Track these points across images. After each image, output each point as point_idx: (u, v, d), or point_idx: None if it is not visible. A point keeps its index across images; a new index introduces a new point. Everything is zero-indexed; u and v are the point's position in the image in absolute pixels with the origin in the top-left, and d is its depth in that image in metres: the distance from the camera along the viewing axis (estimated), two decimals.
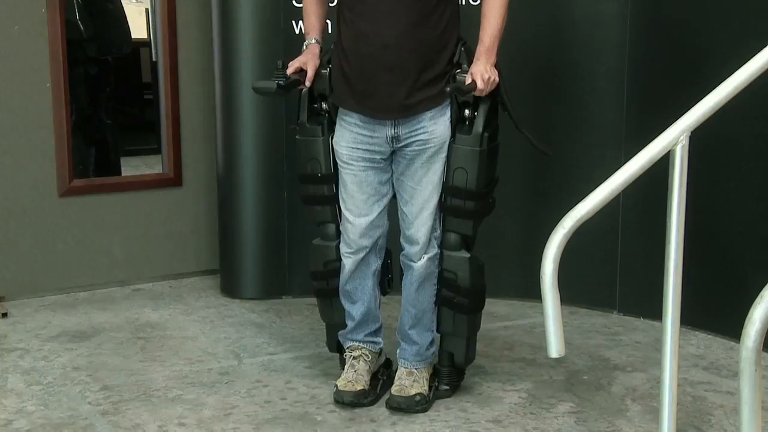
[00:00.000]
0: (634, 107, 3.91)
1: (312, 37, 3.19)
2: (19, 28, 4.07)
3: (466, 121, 3.05)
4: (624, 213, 3.95)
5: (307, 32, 3.23)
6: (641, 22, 3.85)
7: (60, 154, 4.21)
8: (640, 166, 2.43)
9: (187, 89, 4.44)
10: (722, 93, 2.45)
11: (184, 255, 4.61)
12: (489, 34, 3.01)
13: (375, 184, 3.13)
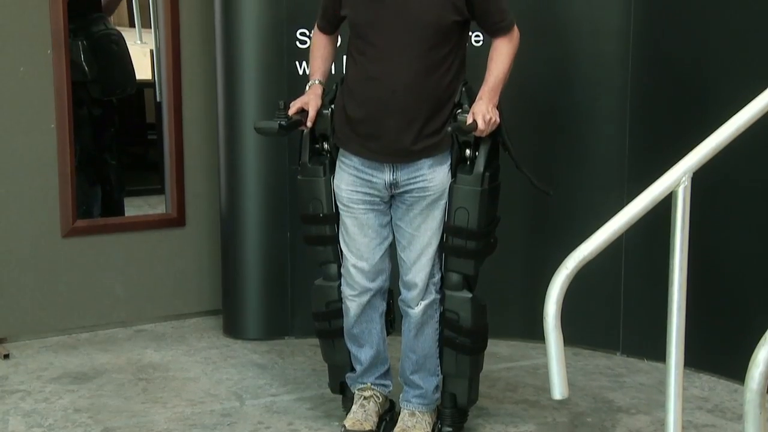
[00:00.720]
0: (636, 148, 3.92)
1: (316, 78, 3.21)
2: (25, 70, 4.09)
3: (467, 160, 3.06)
4: (627, 254, 3.95)
5: (311, 73, 3.25)
6: (642, 63, 3.87)
7: (64, 194, 4.22)
8: (642, 206, 2.43)
9: (190, 129, 4.46)
10: (724, 134, 2.45)
11: (187, 295, 4.60)
12: (494, 76, 3.03)
13: (376, 227, 3.13)
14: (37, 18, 4.06)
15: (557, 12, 4.01)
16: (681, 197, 2.42)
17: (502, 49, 3.07)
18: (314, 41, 3.30)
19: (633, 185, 3.34)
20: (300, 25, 4.03)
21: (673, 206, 2.43)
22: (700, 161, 2.43)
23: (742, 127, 2.45)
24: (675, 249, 2.44)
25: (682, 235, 2.44)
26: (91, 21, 4.82)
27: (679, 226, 2.43)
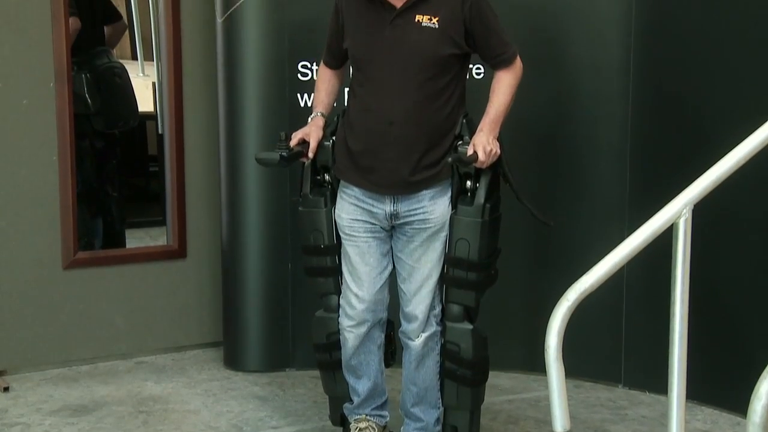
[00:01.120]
0: (636, 180, 3.93)
1: (318, 110, 3.23)
2: (28, 102, 4.11)
3: (468, 192, 3.07)
4: (628, 286, 3.95)
5: (314, 106, 3.27)
6: (643, 97, 3.89)
7: (65, 226, 4.23)
8: (643, 239, 2.43)
9: (192, 161, 4.47)
10: (725, 166, 2.46)
11: (188, 327, 4.59)
12: (495, 108, 3.04)
13: (377, 255, 3.13)
14: (41, 52, 4.09)
15: (558, 48, 4.03)
16: (682, 229, 2.42)
17: (504, 81, 3.09)
18: (319, 75, 3.33)
19: (634, 217, 3.35)
20: (301, 58, 4.05)
21: (674, 238, 2.43)
22: (701, 194, 2.44)
23: (743, 159, 2.46)
24: (676, 281, 2.44)
25: (683, 267, 2.44)
26: (94, 54, 4.84)
27: (680, 258, 2.43)
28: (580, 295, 2.36)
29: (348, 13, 3.12)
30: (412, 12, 3.02)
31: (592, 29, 3.95)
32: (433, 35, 3.00)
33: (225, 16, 4.10)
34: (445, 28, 3.01)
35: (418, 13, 3.01)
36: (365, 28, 3.08)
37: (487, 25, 3.05)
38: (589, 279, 2.39)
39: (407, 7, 3.01)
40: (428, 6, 3.01)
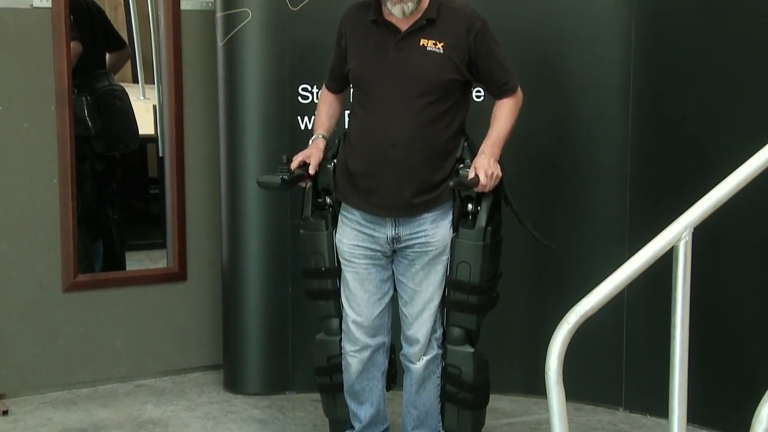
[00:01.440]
0: (636, 202, 3.93)
1: (319, 132, 3.24)
2: (29, 125, 4.12)
3: (469, 215, 3.07)
4: (629, 308, 3.94)
5: (315, 128, 3.29)
6: (643, 119, 3.90)
7: (65, 249, 4.22)
8: (643, 261, 2.43)
9: (192, 184, 4.47)
10: (725, 189, 2.46)
11: (188, 350, 4.58)
12: (497, 132, 3.05)
13: (377, 282, 3.13)
14: (42, 75, 4.09)
15: (558, 70, 4.04)
16: (682, 252, 2.42)
17: (506, 107, 3.10)
18: (321, 98, 3.35)
19: (634, 240, 3.35)
20: (302, 81, 4.06)
21: (674, 261, 2.43)
22: (701, 216, 2.44)
23: (743, 182, 2.46)
24: (677, 304, 2.44)
25: (684, 290, 2.43)
26: (95, 77, 4.85)
27: (681, 281, 2.43)
28: (581, 318, 2.36)
29: (352, 36, 3.14)
30: (417, 36, 3.04)
31: (592, 52, 3.97)
32: (437, 59, 3.02)
33: (226, 39, 4.12)
34: (449, 53, 3.03)
35: (423, 37, 3.04)
36: (369, 50, 3.09)
37: (491, 54, 3.07)
38: (589, 302, 2.39)
39: (412, 30, 3.04)
40: (434, 31, 3.04)
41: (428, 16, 3.05)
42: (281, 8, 4.03)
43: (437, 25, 3.05)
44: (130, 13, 5.76)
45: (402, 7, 3.00)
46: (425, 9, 3.06)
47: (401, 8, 3.01)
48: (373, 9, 3.10)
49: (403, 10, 3.01)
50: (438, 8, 3.07)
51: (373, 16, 3.09)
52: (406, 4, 3.00)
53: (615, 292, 2.41)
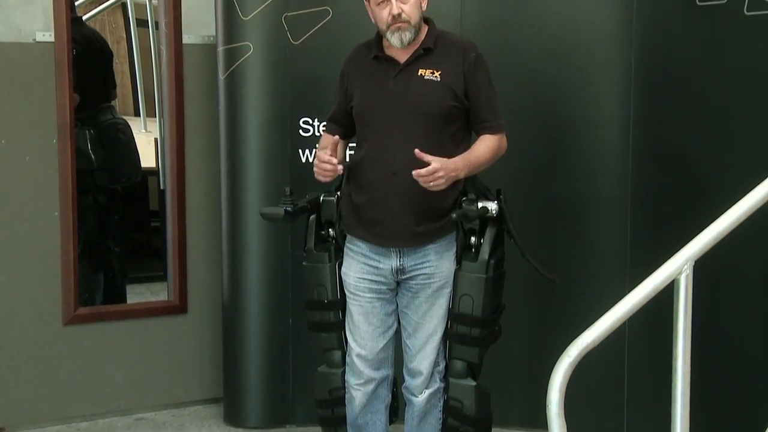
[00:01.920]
0: (637, 235, 3.93)
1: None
2: (31, 158, 4.13)
3: (473, 248, 3.08)
4: (630, 341, 3.93)
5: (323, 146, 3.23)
6: (643, 151, 3.91)
7: (66, 282, 4.22)
8: (644, 295, 2.43)
9: (193, 216, 4.48)
10: (726, 222, 2.47)
11: (188, 383, 4.57)
12: (474, 155, 3.06)
13: (381, 316, 3.14)
14: (44, 108, 4.12)
15: (558, 101, 4.05)
16: (683, 285, 2.42)
17: (487, 141, 3.11)
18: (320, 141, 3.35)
19: (635, 272, 3.35)
20: (303, 114, 4.08)
21: (675, 294, 2.43)
22: (702, 249, 2.44)
23: (744, 215, 2.46)
24: (678, 337, 2.44)
25: (685, 323, 2.43)
26: (98, 110, 4.88)
27: (682, 314, 2.43)
28: (582, 351, 2.36)
29: (354, 74, 3.18)
30: (415, 66, 3.08)
31: (591, 84, 3.98)
32: (435, 88, 3.05)
33: (227, 73, 4.14)
34: (447, 81, 3.06)
35: (421, 67, 3.07)
36: (370, 84, 3.13)
37: (479, 88, 3.09)
38: (590, 335, 2.39)
39: (410, 61, 3.08)
40: (431, 60, 3.08)
41: (426, 45, 3.10)
42: (282, 42, 4.05)
43: (434, 54, 3.10)
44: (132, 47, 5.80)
45: (400, 36, 3.04)
46: (423, 39, 3.10)
47: (399, 37, 3.04)
48: (375, 46, 3.15)
49: (401, 39, 3.04)
50: (435, 38, 3.12)
51: (375, 52, 3.14)
52: (404, 32, 3.04)
53: (616, 325, 2.41)
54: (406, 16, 3.03)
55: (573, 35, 3.96)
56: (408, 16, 3.03)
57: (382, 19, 3.06)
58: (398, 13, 3.02)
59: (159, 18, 4.57)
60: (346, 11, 3.92)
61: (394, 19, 3.03)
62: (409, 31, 3.05)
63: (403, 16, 3.03)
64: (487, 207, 3.04)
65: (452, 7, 3.89)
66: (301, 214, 3.16)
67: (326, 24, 3.98)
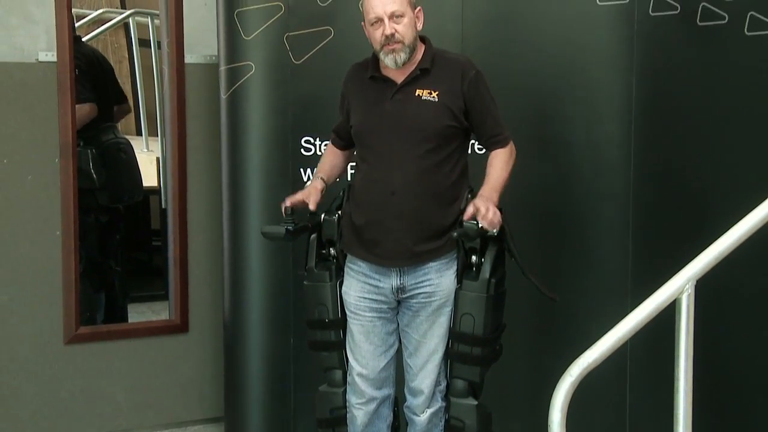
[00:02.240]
0: (638, 254, 3.93)
1: (319, 175, 3.26)
2: (32, 178, 4.14)
3: (473, 267, 3.07)
4: (632, 361, 3.93)
5: (316, 172, 3.30)
6: (643, 171, 3.91)
7: (67, 301, 4.22)
8: (646, 314, 2.43)
9: (195, 235, 4.48)
10: (727, 241, 2.47)
11: (189, 402, 4.56)
12: (494, 178, 3.07)
13: (382, 335, 3.14)
14: (46, 128, 4.12)
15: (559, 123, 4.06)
16: (685, 305, 2.42)
17: (501, 157, 3.12)
18: (326, 151, 3.39)
19: (637, 292, 3.35)
20: (305, 133, 4.08)
21: (677, 314, 2.43)
22: (704, 269, 2.44)
23: (745, 235, 2.47)
24: (680, 356, 2.44)
25: (687, 343, 2.43)
26: (101, 130, 4.89)
27: (684, 333, 2.43)
28: (584, 371, 2.36)
29: (353, 94, 3.19)
30: (412, 86, 3.08)
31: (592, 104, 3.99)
32: (433, 108, 3.06)
33: (229, 92, 4.14)
34: (445, 101, 3.06)
35: (419, 87, 3.08)
36: (368, 105, 3.14)
37: (483, 104, 3.10)
38: (592, 354, 2.39)
39: (408, 82, 3.08)
40: (428, 81, 3.08)
41: (422, 66, 3.11)
42: (284, 61, 4.06)
43: (431, 74, 3.10)
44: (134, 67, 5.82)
45: (394, 57, 3.05)
46: (419, 60, 3.11)
47: (393, 58, 3.05)
48: (371, 66, 3.16)
49: (396, 60, 3.05)
50: (432, 58, 3.12)
51: (371, 72, 3.15)
52: (398, 54, 3.05)
53: (618, 344, 2.41)
54: (400, 36, 3.04)
55: (574, 54, 3.97)
56: (402, 37, 3.04)
57: (376, 39, 3.07)
58: (391, 33, 3.03)
59: (161, 38, 4.59)
60: (348, 31, 3.93)
61: (388, 39, 3.04)
62: (404, 51, 3.05)
63: (397, 36, 3.03)
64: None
65: (453, 26, 3.90)
66: (302, 234, 3.16)
67: (328, 44, 3.99)
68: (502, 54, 3.92)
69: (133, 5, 6.11)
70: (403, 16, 3.05)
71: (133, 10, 5.87)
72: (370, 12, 3.07)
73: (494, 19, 3.96)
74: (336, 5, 3.94)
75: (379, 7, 3.05)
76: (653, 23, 3.81)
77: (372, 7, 3.06)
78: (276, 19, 4.00)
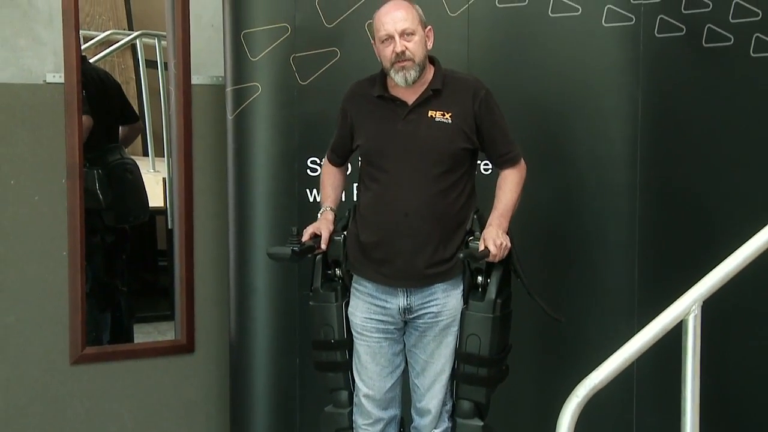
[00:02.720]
0: (645, 275, 3.93)
1: (327, 205, 3.27)
2: (39, 198, 4.15)
3: (479, 287, 3.08)
4: (638, 382, 3.92)
5: (322, 201, 3.31)
6: (650, 192, 3.91)
7: (74, 322, 4.22)
8: (652, 335, 2.43)
9: (201, 256, 4.48)
10: (734, 263, 2.47)
11: (195, 423, 4.54)
12: (503, 203, 3.08)
13: (389, 356, 3.13)
14: (53, 149, 4.13)
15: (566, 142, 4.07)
16: (691, 326, 2.42)
17: (510, 178, 3.13)
18: (324, 171, 3.38)
19: (643, 313, 3.34)
20: (311, 153, 4.09)
21: (683, 335, 2.43)
22: (710, 290, 2.44)
23: (752, 256, 2.47)
24: (686, 378, 2.43)
25: (694, 364, 2.43)
26: (107, 150, 4.90)
27: (690, 354, 2.43)
28: (590, 392, 2.35)
29: (358, 113, 3.19)
30: (424, 107, 3.09)
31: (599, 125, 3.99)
32: (447, 130, 3.06)
33: (235, 113, 4.16)
34: (458, 122, 3.07)
35: (431, 108, 3.08)
36: (378, 125, 3.13)
37: (494, 123, 3.11)
38: (598, 375, 2.38)
39: (419, 102, 3.09)
40: (440, 102, 3.09)
41: (434, 86, 3.11)
42: (290, 82, 4.07)
43: (443, 95, 3.10)
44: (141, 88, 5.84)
45: (404, 75, 3.05)
46: (430, 80, 3.11)
47: (404, 76, 3.05)
48: (378, 84, 3.16)
49: (406, 78, 3.06)
50: (443, 78, 3.12)
51: (379, 91, 3.15)
52: (408, 71, 3.05)
53: (624, 365, 2.41)
54: (410, 54, 3.05)
55: (580, 75, 3.98)
56: (412, 54, 3.05)
57: (386, 56, 3.08)
58: (402, 50, 3.04)
59: (168, 59, 4.60)
60: (354, 52, 3.95)
61: (398, 56, 3.04)
62: (414, 69, 3.06)
63: (407, 54, 3.04)
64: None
65: (459, 47, 3.91)
66: (308, 254, 3.16)
67: (334, 64, 4.00)
68: (508, 74, 3.93)
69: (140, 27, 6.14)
70: (414, 34, 3.07)
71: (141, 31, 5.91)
72: (381, 29, 3.08)
73: (500, 39, 3.98)
74: (342, 26, 3.96)
75: (390, 25, 3.06)
76: (659, 44, 3.82)
77: (383, 24, 3.08)
78: (282, 41, 4.02)
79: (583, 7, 3.87)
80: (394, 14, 3.08)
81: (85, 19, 5.75)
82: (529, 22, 3.94)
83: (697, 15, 3.75)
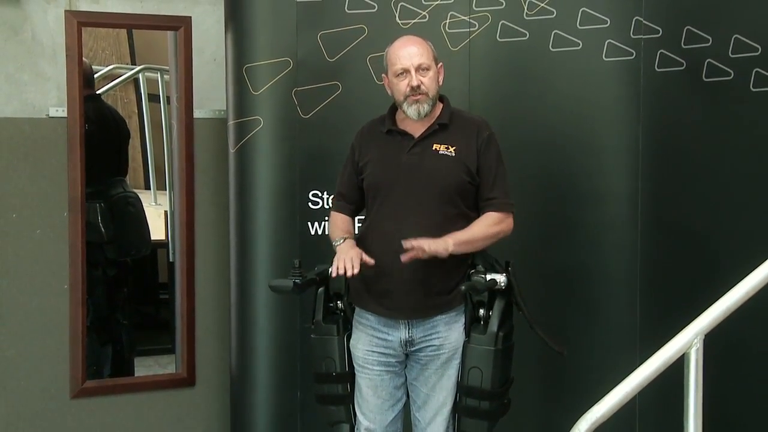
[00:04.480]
0: (647, 309, 3.93)
1: (341, 236, 3.21)
2: (41, 232, 4.15)
3: (481, 320, 3.07)
4: (641, 415, 3.90)
5: (334, 237, 3.24)
6: (652, 225, 3.92)
7: (74, 355, 4.21)
8: (654, 368, 2.42)
9: (202, 289, 4.48)
10: (736, 295, 2.47)
11: None
12: (468, 231, 3.05)
13: (390, 389, 3.13)
14: (55, 182, 4.15)
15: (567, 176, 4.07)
16: (693, 359, 2.42)
17: (489, 219, 3.11)
18: (332, 219, 3.32)
19: (645, 346, 3.34)
20: (312, 187, 4.10)
21: (685, 368, 2.42)
22: (712, 323, 2.44)
23: (754, 289, 2.47)
24: (689, 411, 2.42)
25: (696, 397, 2.42)
26: (110, 184, 4.92)
27: (692, 388, 2.42)
28: (592, 426, 2.35)
29: (366, 149, 3.21)
30: (430, 140, 3.11)
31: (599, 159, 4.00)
32: (450, 163, 3.08)
33: (237, 147, 4.17)
34: (461, 157, 3.09)
35: (436, 142, 3.11)
36: (383, 157, 3.16)
37: (488, 165, 3.12)
38: (600, 408, 2.38)
39: (425, 136, 3.11)
40: (446, 136, 3.11)
41: (441, 121, 3.13)
42: (292, 116, 4.09)
43: (450, 130, 3.13)
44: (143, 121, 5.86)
45: (418, 108, 3.08)
46: (438, 115, 3.14)
47: (417, 109, 3.08)
48: (388, 119, 3.19)
49: (419, 111, 3.08)
50: (450, 115, 3.15)
51: (387, 126, 3.17)
52: (421, 105, 3.08)
53: (626, 399, 2.40)
54: (425, 88, 3.08)
55: (580, 110, 4.00)
56: (427, 89, 3.08)
57: (401, 90, 3.10)
58: (417, 84, 3.07)
59: (171, 93, 4.63)
60: (356, 86, 3.97)
61: (413, 90, 3.07)
62: (427, 103, 3.09)
63: (422, 88, 3.07)
64: (495, 279, 3.05)
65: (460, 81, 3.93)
66: (310, 287, 3.16)
67: (335, 98, 4.02)
68: (509, 109, 3.95)
69: (143, 61, 6.17)
70: (429, 69, 3.10)
71: (144, 65, 5.93)
72: (397, 63, 3.11)
73: (501, 74, 4.00)
74: (344, 60, 3.98)
75: (406, 59, 3.09)
76: (659, 79, 3.84)
77: (399, 58, 3.11)
78: (284, 74, 4.04)
79: (583, 41, 3.90)
80: (410, 49, 3.11)
81: (89, 53, 5.77)
82: (529, 57, 3.96)
83: (697, 50, 3.78)
